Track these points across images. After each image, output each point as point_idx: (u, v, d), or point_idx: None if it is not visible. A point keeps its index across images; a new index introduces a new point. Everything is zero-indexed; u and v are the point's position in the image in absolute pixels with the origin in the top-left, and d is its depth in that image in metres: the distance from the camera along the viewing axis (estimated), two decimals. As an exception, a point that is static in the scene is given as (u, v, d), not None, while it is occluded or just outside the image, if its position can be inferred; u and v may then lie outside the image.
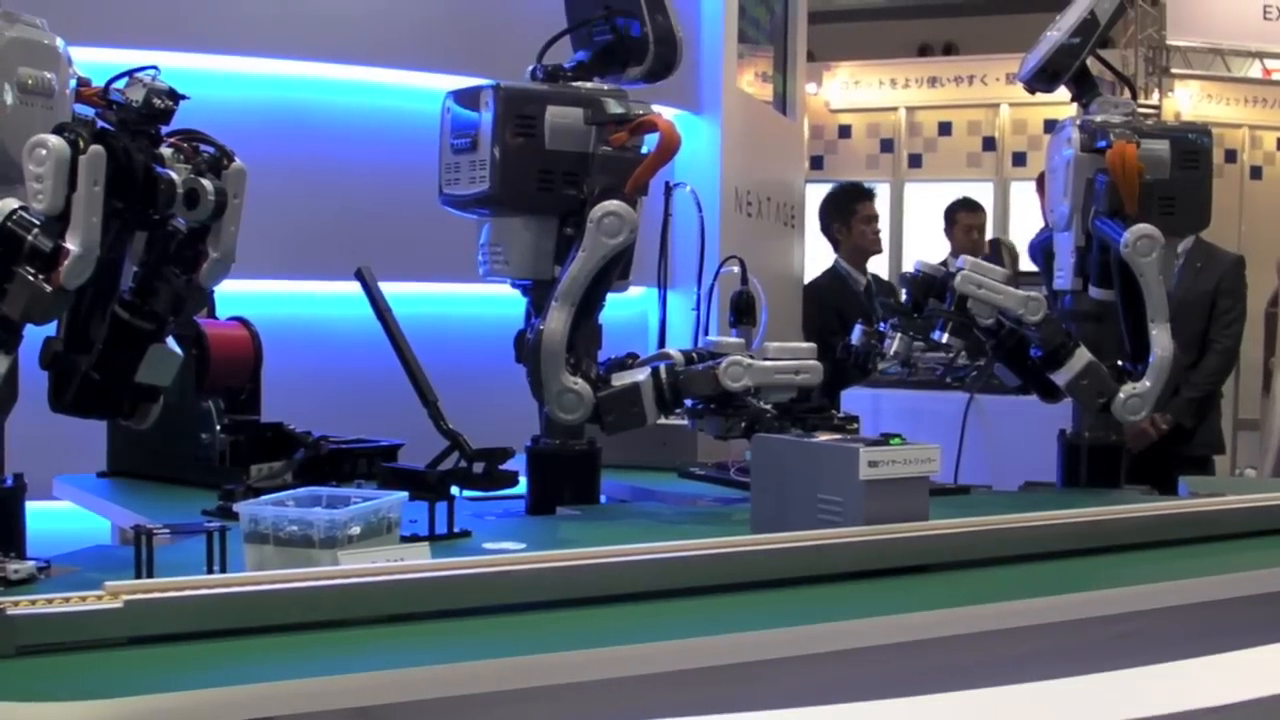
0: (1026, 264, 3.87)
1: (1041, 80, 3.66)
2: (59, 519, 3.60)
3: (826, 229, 6.81)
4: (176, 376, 2.50)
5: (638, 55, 3.21)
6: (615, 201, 3.00)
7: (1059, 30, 3.61)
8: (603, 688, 1.92)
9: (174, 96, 2.39)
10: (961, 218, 7.27)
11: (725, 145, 6.47)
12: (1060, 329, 3.49)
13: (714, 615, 2.15)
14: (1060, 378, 3.49)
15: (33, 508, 2.52)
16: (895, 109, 12.18)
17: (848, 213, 6.72)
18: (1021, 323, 3.46)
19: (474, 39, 5.21)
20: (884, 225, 7.09)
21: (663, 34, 3.19)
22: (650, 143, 3.07)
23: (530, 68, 3.19)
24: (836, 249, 6.75)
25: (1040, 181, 3.78)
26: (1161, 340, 3.46)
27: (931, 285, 3.54)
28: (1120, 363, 3.54)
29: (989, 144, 11.93)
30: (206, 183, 2.41)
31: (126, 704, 1.64)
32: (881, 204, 6.93)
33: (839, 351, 3.61)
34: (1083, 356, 3.47)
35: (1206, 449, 5.82)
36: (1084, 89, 3.65)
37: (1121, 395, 3.47)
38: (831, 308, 6.36)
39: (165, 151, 2.41)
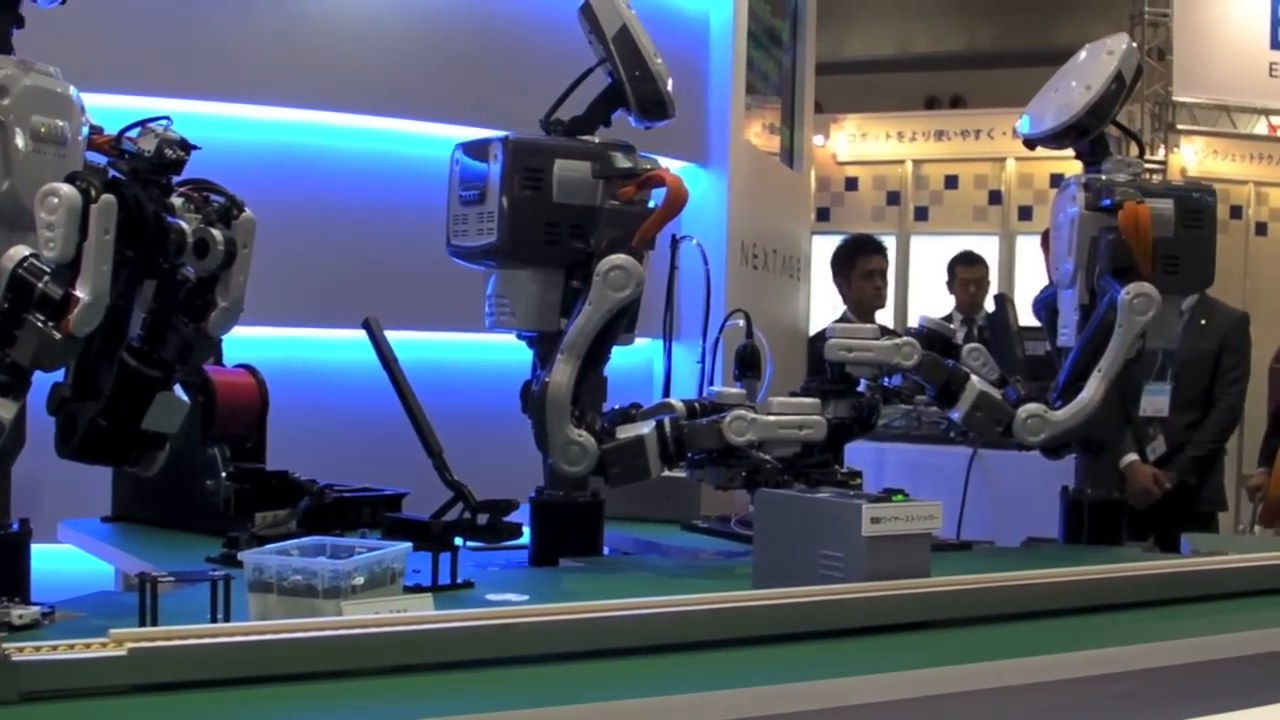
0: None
1: (1070, 137, 3.63)
2: (63, 562, 3.61)
3: (834, 280, 6.81)
4: (182, 423, 2.51)
5: (624, 98, 3.21)
6: (622, 255, 3.01)
7: (1087, 88, 3.56)
8: (603, 742, 1.92)
9: (185, 147, 2.41)
10: (960, 272, 7.23)
11: (732, 198, 6.51)
12: (943, 366, 3.49)
13: (716, 670, 2.15)
14: (956, 413, 3.50)
15: (37, 551, 2.53)
16: (902, 162, 12.19)
17: (848, 266, 6.70)
18: (900, 370, 3.48)
19: (483, 91, 5.25)
20: (890, 278, 7.05)
21: (634, 72, 3.18)
22: (658, 197, 3.09)
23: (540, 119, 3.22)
24: (844, 301, 6.75)
25: (1044, 238, 3.77)
26: (1094, 389, 3.45)
27: (936, 340, 3.54)
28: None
29: (995, 197, 11.94)
30: (216, 232, 2.43)
31: (128, 753, 1.64)
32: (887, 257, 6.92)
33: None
34: (974, 389, 3.47)
35: (1210, 505, 5.81)
36: (1096, 147, 3.66)
37: (1021, 414, 3.47)
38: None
39: (176, 201, 2.43)
